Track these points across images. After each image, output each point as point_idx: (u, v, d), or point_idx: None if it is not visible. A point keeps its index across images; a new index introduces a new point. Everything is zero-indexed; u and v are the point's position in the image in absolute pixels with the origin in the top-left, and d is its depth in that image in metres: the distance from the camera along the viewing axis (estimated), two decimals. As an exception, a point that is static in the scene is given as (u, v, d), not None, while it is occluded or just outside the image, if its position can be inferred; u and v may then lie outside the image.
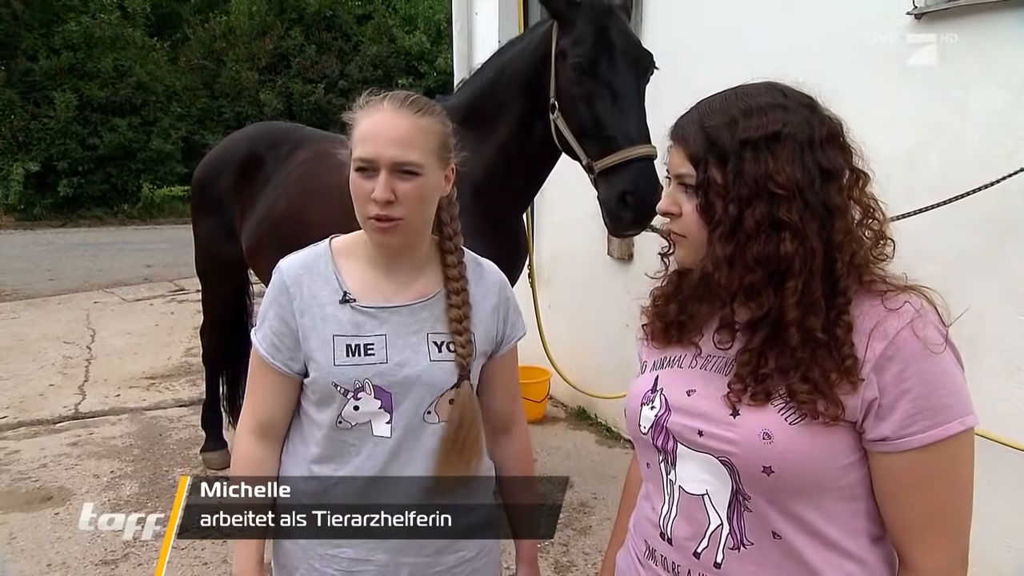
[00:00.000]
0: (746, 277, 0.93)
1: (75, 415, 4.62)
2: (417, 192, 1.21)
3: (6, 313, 7.49)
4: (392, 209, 1.20)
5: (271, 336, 1.30)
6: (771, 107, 0.94)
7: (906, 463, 0.89)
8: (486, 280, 1.39)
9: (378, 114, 1.22)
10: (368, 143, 1.21)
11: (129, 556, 2.98)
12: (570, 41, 2.32)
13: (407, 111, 1.22)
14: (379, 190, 1.19)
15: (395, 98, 1.24)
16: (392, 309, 1.29)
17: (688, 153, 0.97)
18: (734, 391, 0.95)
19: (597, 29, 2.31)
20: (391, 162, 1.19)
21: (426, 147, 1.22)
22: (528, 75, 2.49)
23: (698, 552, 0.99)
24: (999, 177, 2.16)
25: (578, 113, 2.31)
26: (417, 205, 1.23)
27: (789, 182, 0.91)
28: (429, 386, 1.26)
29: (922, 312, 0.91)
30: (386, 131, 1.20)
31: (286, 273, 1.31)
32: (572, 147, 2.38)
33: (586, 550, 3.05)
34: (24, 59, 16.32)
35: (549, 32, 2.43)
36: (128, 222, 16.94)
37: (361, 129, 1.23)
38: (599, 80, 2.27)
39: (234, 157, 3.34)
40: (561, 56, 2.35)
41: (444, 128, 1.28)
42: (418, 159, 1.20)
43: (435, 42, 19.33)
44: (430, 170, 1.23)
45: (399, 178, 1.20)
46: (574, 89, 2.30)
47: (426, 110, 1.25)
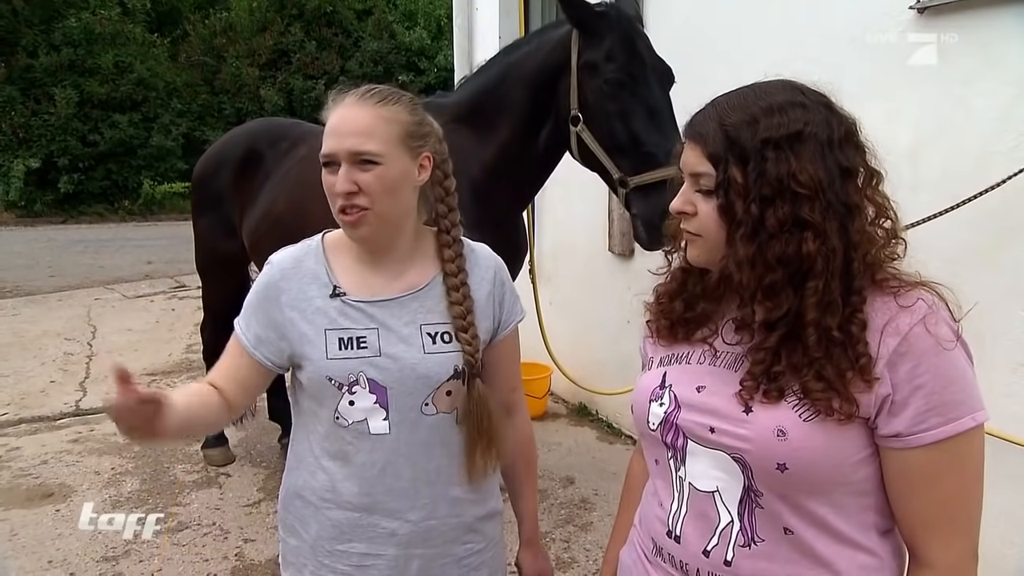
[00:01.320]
0: (766, 277, 0.93)
1: (76, 412, 4.62)
2: (378, 181, 1.21)
3: (7, 310, 7.49)
4: (356, 199, 1.20)
5: (255, 328, 1.29)
6: (791, 105, 0.93)
7: (918, 459, 0.89)
8: (480, 266, 1.37)
9: (340, 109, 1.24)
10: (330, 138, 1.22)
11: (130, 552, 2.98)
12: (601, 54, 2.33)
13: (367, 102, 1.23)
14: (339, 182, 1.20)
15: (358, 91, 1.25)
16: (383, 302, 1.28)
17: (707, 152, 0.96)
18: (747, 388, 0.95)
19: (627, 43, 2.33)
20: (348, 153, 1.20)
21: (387, 136, 1.22)
22: (539, 79, 2.49)
23: (708, 550, 0.99)
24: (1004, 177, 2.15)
25: (612, 128, 2.34)
26: (381, 194, 1.22)
27: (812, 181, 0.90)
28: (425, 378, 1.25)
29: (934, 309, 0.91)
30: (346, 124, 1.21)
31: (277, 267, 1.31)
32: (600, 160, 2.39)
33: (587, 546, 3.04)
34: (24, 55, 16.31)
35: (566, 39, 2.42)
36: (129, 218, 16.93)
37: (327, 126, 1.24)
38: (637, 96, 2.30)
39: (234, 153, 3.34)
40: (589, 68, 2.36)
41: (411, 116, 1.27)
42: (376, 148, 1.20)
43: (435, 38, 19.30)
44: (392, 158, 1.22)
45: (359, 168, 1.20)
46: (608, 104, 2.32)
47: (389, 100, 1.25)
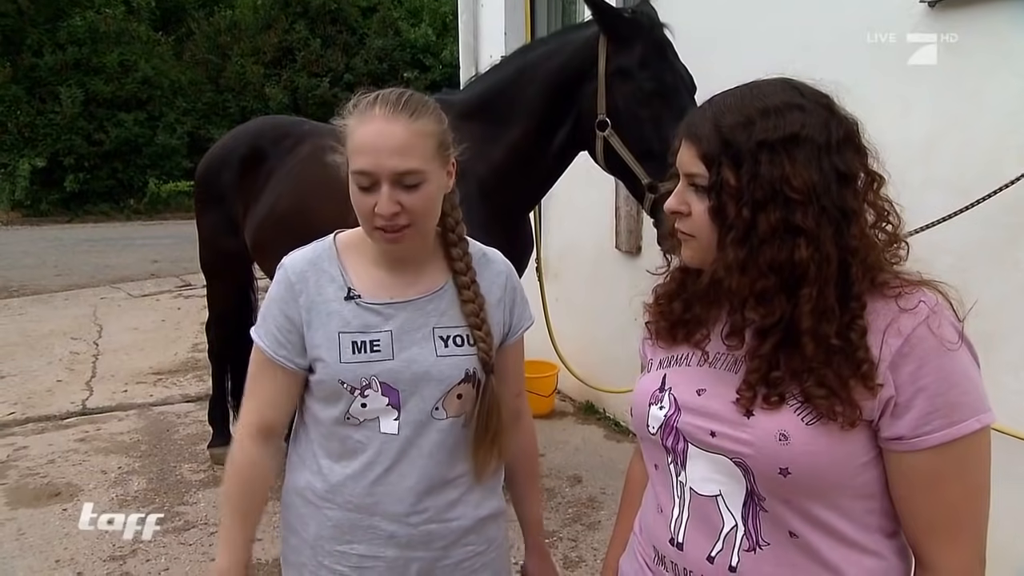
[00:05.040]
0: (758, 283, 0.90)
1: (82, 411, 4.63)
2: (423, 200, 1.18)
3: (13, 309, 7.52)
4: (398, 219, 1.17)
5: (274, 332, 1.28)
6: (788, 107, 0.91)
7: (922, 462, 0.88)
8: (491, 270, 1.36)
9: (372, 124, 1.16)
10: (366, 156, 1.15)
11: (137, 552, 2.98)
12: (634, 61, 2.34)
13: (402, 117, 1.16)
14: (383, 205, 1.15)
15: (387, 102, 1.18)
16: (398, 305, 1.26)
17: (701, 152, 0.94)
18: (745, 397, 0.93)
19: (660, 51, 2.35)
20: (392, 173, 1.14)
21: (425, 151, 1.17)
22: (559, 81, 2.48)
23: (712, 556, 0.97)
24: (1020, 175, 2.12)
25: (644, 134, 2.35)
26: (424, 212, 1.20)
27: (806, 186, 0.88)
28: (437, 381, 1.25)
29: (936, 309, 0.88)
30: (384, 141, 1.14)
31: (291, 270, 1.29)
32: (629, 166, 2.40)
33: (595, 545, 3.03)
34: (29, 55, 16.36)
35: (592, 43, 2.41)
36: (134, 217, 16.97)
37: (356, 140, 1.17)
38: (669, 104, 2.32)
39: (237, 151, 3.33)
40: (620, 74, 2.37)
41: (440, 126, 1.23)
42: (419, 166, 1.16)
43: (441, 35, 19.28)
44: (433, 173, 1.19)
45: (402, 188, 1.16)
46: (641, 111, 2.34)
47: (420, 111, 1.19)
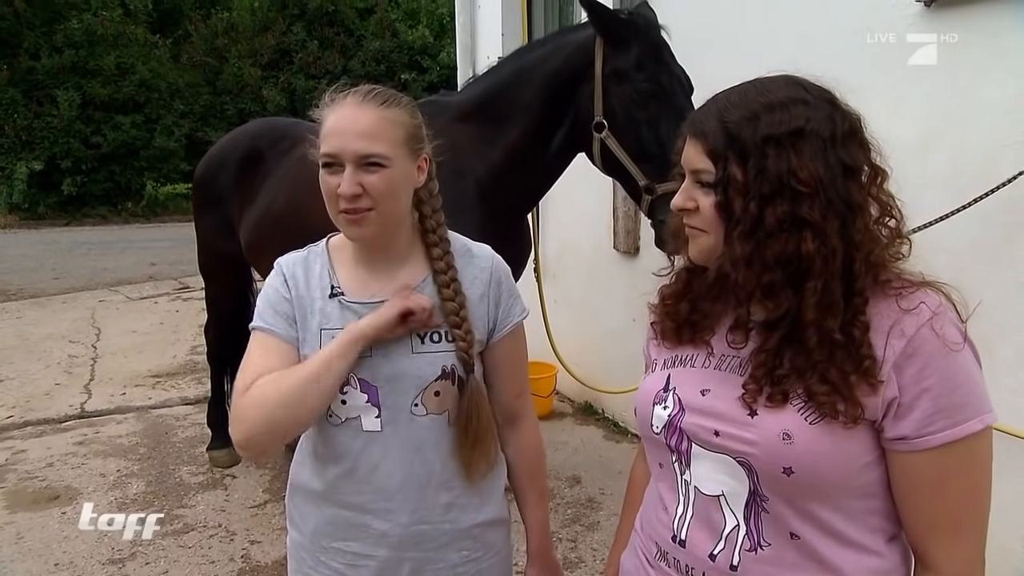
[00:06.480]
0: (764, 276, 0.91)
1: (81, 414, 4.62)
2: (384, 183, 1.20)
3: (11, 312, 7.50)
4: (359, 202, 1.19)
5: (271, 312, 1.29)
6: (793, 102, 0.92)
7: (925, 462, 0.88)
8: (474, 265, 1.36)
9: (342, 109, 1.21)
10: (333, 138, 1.20)
11: (136, 555, 2.97)
12: (630, 63, 2.35)
13: (371, 103, 1.21)
14: (345, 185, 1.18)
15: (359, 92, 1.23)
16: (377, 303, 1.27)
17: (707, 148, 0.94)
18: (749, 392, 0.93)
19: (656, 52, 2.35)
20: (355, 155, 1.18)
21: (392, 138, 1.21)
22: (556, 83, 2.49)
23: (714, 554, 0.97)
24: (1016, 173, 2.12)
25: (641, 136, 2.36)
26: (386, 196, 1.21)
27: (812, 179, 0.89)
28: (413, 378, 1.25)
29: (939, 311, 0.89)
30: (350, 125, 1.19)
31: (284, 267, 1.34)
32: (626, 167, 2.40)
33: (594, 546, 3.03)
34: (26, 57, 16.30)
35: (588, 45, 2.42)
36: (132, 220, 16.92)
37: (327, 125, 1.22)
38: (666, 105, 2.32)
39: (235, 153, 3.33)
40: (617, 76, 2.37)
41: (412, 119, 1.26)
42: (383, 151, 1.19)
43: (438, 36, 19.25)
44: (397, 161, 1.21)
45: (365, 171, 1.18)
46: (638, 112, 2.35)
47: (392, 102, 1.24)
